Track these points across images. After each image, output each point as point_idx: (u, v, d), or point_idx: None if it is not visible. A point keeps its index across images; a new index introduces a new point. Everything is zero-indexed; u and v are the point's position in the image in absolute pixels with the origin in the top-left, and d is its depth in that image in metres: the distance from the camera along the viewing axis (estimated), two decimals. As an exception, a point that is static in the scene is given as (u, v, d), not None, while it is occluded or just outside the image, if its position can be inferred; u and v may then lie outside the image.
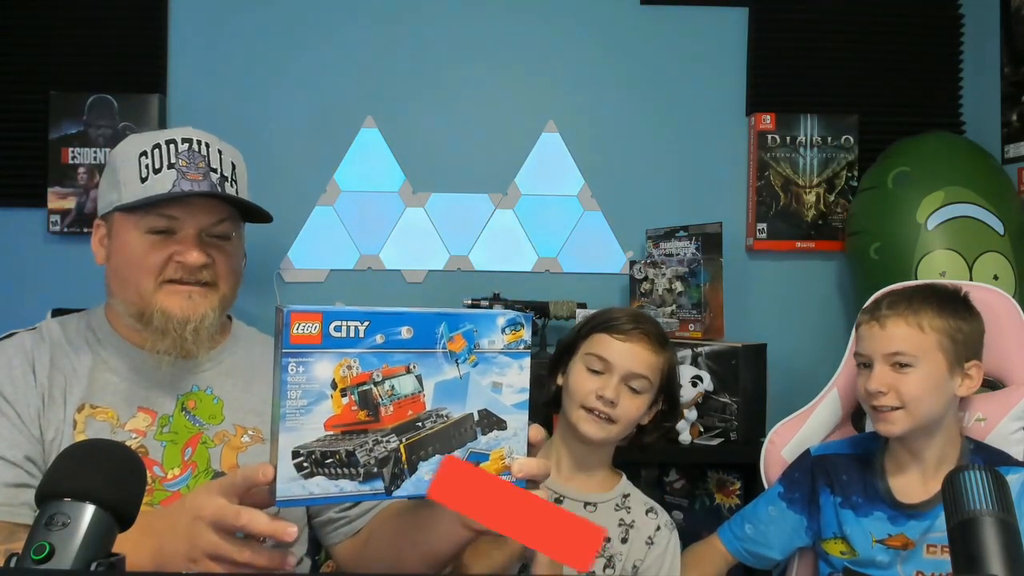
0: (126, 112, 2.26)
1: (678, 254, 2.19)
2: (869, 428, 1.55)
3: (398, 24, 2.36)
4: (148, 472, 0.86)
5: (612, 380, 1.35)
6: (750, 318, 2.37)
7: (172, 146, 1.17)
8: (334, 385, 0.81)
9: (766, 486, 1.57)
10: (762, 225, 2.39)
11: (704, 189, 2.41)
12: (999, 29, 2.33)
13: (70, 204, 2.25)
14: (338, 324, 0.81)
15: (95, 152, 2.26)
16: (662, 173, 2.41)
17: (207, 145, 1.20)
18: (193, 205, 1.17)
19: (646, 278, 2.26)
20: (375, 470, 0.83)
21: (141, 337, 1.20)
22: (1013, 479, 1.29)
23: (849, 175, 2.41)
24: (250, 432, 1.22)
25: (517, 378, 0.88)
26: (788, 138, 2.40)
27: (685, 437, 1.99)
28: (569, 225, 2.40)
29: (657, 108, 2.41)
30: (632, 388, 1.36)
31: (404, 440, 0.84)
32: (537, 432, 0.92)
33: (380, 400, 0.83)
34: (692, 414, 2.00)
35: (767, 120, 2.39)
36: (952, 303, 1.38)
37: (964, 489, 0.74)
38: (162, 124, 2.28)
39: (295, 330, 0.79)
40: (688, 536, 2.03)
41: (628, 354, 1.36)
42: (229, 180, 1.21)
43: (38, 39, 2.27)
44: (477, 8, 2.38)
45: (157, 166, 1.16)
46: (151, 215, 1.15)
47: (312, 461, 0.80)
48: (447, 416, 0.86)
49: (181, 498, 1.07)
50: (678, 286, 2.18)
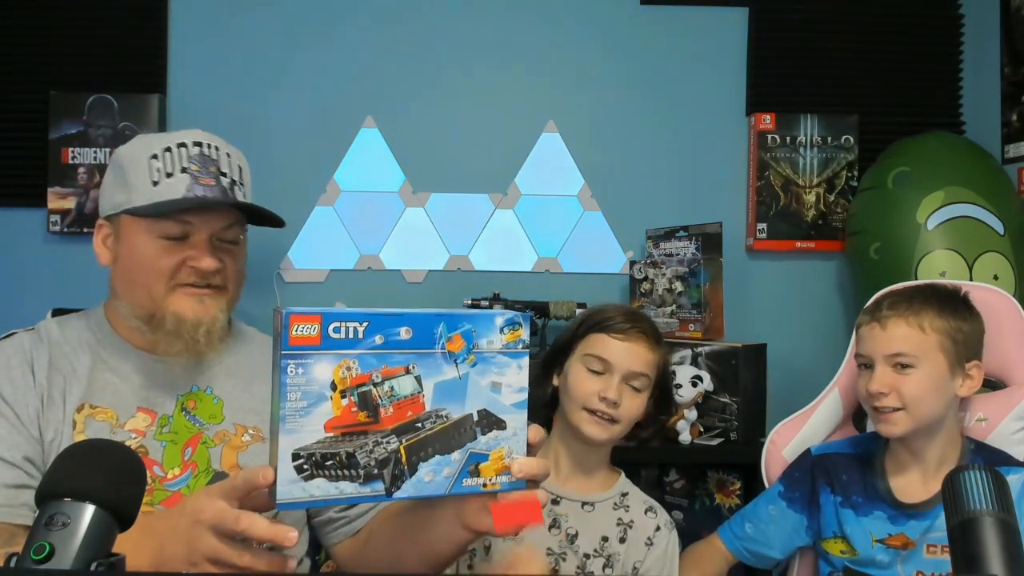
0: (126, 112, 2.26)
1: (678, 254, 2.18)
2: (870, 428, 1.55)
3: (398, 24, 2.36)
4: (148, 472, 0.86)
5: (613, 380, 1.34)
6: (750, 318, 2.37)
7: (183, 149, 1.16)
8: (333, 386, 0.81)
9: (767, 486, 1.57)
10: (762, 225, 2.39)
11: (704, 189, 2.41)
12: (999, 29, 2.33)
13: (70, 204, 2.24)
14: (337, 325, 0.80)
15: (95, 152, 2.25)
16: (662, 173, 2.41)
17: (216, 148, 1.20)
18: (206, 210, 1.17)
19: (646, 278, 2.25)
20: (375, 471, 0.82)
21: (144, 338, 1.20)
22: (1013, 479, 1.29)
23: (849, 175, 2.41)
24: (250, 431, 1.22)
25: (516, 378, 0.88)
26: (788, 138, 2.40)
27: (685, 437, 1.99)
28: (569, 225, 2.40)
29: (657, 108, 2.41)
30: (633, 387, 1.36)
31: (404, 441, 0.84)
32: (536, 432, 0.91)
33: (380, 401, 0.83)
34: (692, 414, 1.99)
35: (767, 120, 2.39)
36: (953, 303, 1.38)
37: (964, 489, 0.74)
38: (162, 124, 2.28)
39: (294, 332, 0.79)
40: (688, 536, 2.03)
41: (628, 353, 1.35)
42: (238, 184, 1.21)
43: (38, 39, 2.27)
44: (477, 8, 2.38)
45: (169, 170, 1.15)
46: (165, 220, 1.15)
47: (312, 463, 0.80)
48: (447, 417, 0.86)
49: (181, 501, 1.07)
50: (678, 286, 2.18)
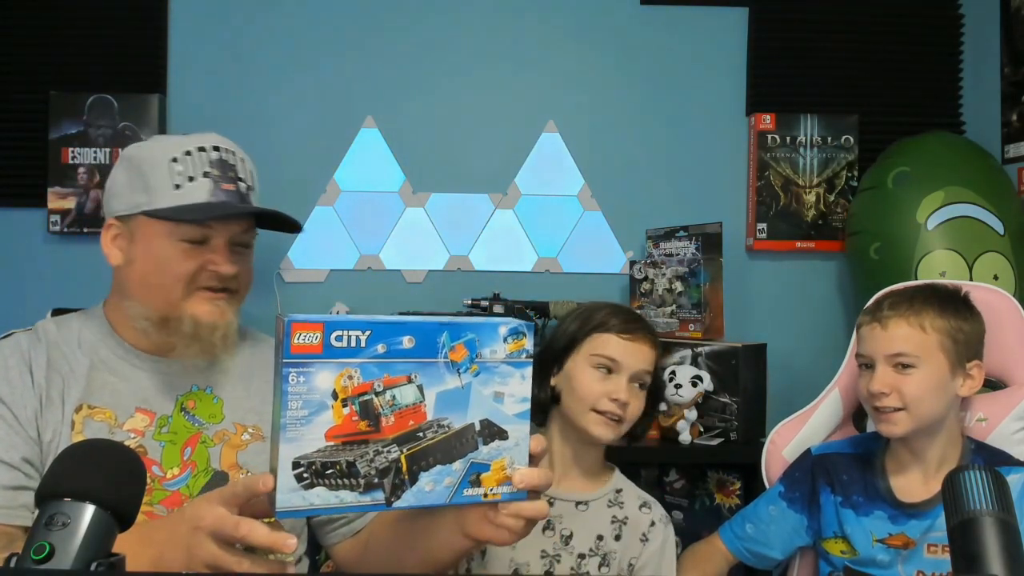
0: (126, 112, 2.26)
1: (678, 254, 2.18)
2: (870, 428, 1.55)
3: (398, 24, 2.36)
4: (147, 472, 0.86)
5: (622, 381, 1.34)
6: (750, 318, 2.37)
7: (203, 153, 1.18)
8: (335, 395, 0.80)
9: (767, 486, 1.57)
10: (762, 225, 2.39)
11: (704, 189, 2.41)
12: (999, 29, 2.33)
13: (70, 204, 2.24)
14: (339, 334, 0.80)
15: (95, 152, 2.25)
16: (662, 173, 2.41)
17: (233, 153, 1.22)
18: (227, 216, 1.18)
19: (646, 278, 2.25)
20: (376, 481, 0.82)
21: (150, 340, 1.20)
22: (1013, 479, 1.29)
23: (849, 175, 2.41)
24: (250, 430, 1.22)
25: (519, 388, 0.88)
26: (788, 138, 2.40)
27: (685, 437, 1.99)
28: (569, 225, 2.40)
29: (657, 108, 2.41)
30: (639, 386, 1.37)
31: (405, 450, 0.83)
32: (539, 442, 0.91)
33: (381, 410, 0.82)
34: (692, 414, 1.99)
35: (767, 120, 2.39)
36: (953, 303, 1.38)
37: (964, 489, 0.74)
38: (162, 124, 2.28)
39: (296, 340, 0.78)
40: (688, 536, 2.04)
41: (636, 353, 1.36)
42: (252, 189, 1.23)
43: (38, 39, 2.27)
44: (477, 8, 2.38)
45: (191, 174, 1.16)
46: (187, 224, 1.15)
47: (312, 472, 0.79)
48: (448, 426, 0.85)
49: (181, 508, 1.07)
50: (678, 286, 2.18)
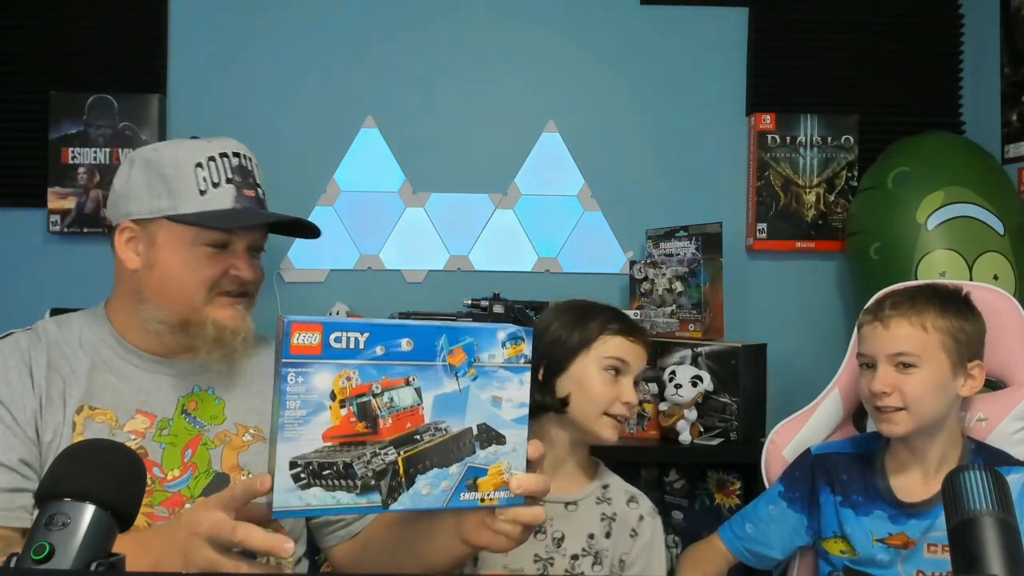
0: (126, 112, 2.26)
1: (678, 254, 2.18)
2: (870, 428, 1.55)
3: (398, 24, 2.36)
4: (148, 473, 0.86)
5: (629, 382, 1.35)
6: (750, 318, 2.37)
7: (226, 159, 1.19)
8: (333, 396, 0.80)
9: (767, 486, 1.57)
10: (762, 225, 2.39)
11: (704, 189, 2.41)
12: (999, 29, 2.33)
13: (70, 204, 2.24)
14: (338, 335, 0.80)
15: (95, 152, 2.25)
16: (662, 173, 2.41)
17: (250, 159, 1.23)
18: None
19: (646, 278, 2.25)
20: (372, 483, 0.82)
21: (161, 342, 1.20)
22: (1013, 479, 1.29)
23: (849, 175, 2.41)
24: (251, 431, 1.22)
25: (517, 393, 0.88)
26: (788, 138, 2.40)
27: (685, 437, 1.99)
28: (569, 225, 2.40)
29: (657, 108, 2.41)
30: (637, 386, 1.37)
31: (402, 453, 0.83)
32: (536, 448, 0.91)
33: (379, 412, 0.82)
34: (692, 414, 1.99)
35: (767, 120, 2.39)
36: (954, 303, 1.38)
37: (964, 489, 0.74)
38: (162, 124, 2.28)
39: (295, 340, 0.79)
40: (688, 536, 2.04)
41: (640, 354, 1.37)
42: (266, 194, 1.25)
43: (38, 39, 2.27)
44: (477, 8, 2.38)
45: (215, 180, 1.18)
46: (212, 230, 1.16)
47: (309, 472, 0.79)
48: (446, 430, 0.85)
49: (178, 514, 1.07)
50: (678, 286, 2.18)
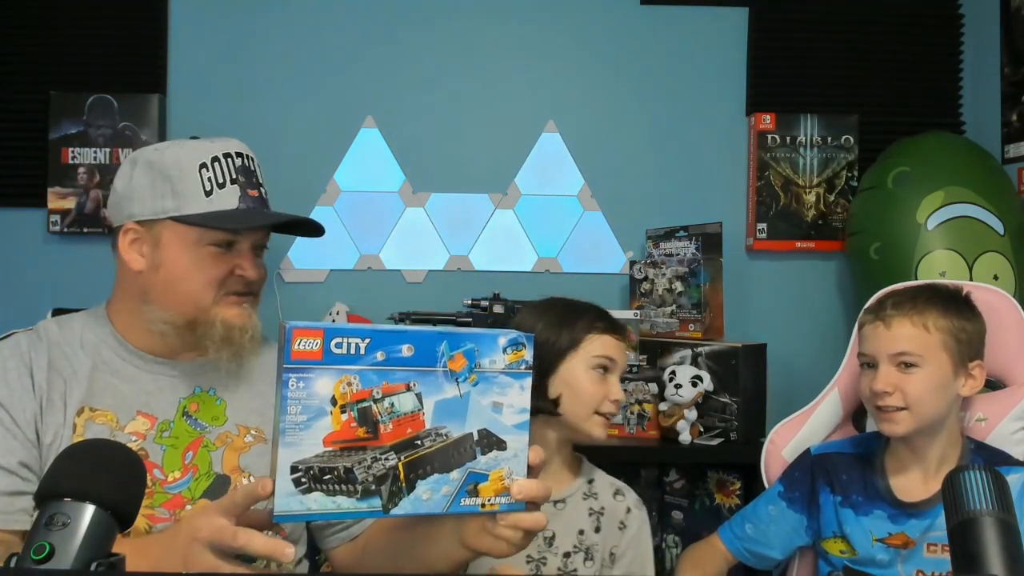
0: (126, 112, 2.26)
1: (678, 254, 2.18)
2: (870, 428, 1.55)
3: (398, 24, 2.36)
4: (148, 474, 0.86)
5: (616, 380, 1.35)
6: (750, 318, 2.37)
7: (229, 160, 1.19)
8: (334, 401, 0.81)
9: (767, 486, 1.57)
10: (762, 225, 2.39)
11: (704, 189, 2.41)
12: (999, 29, 2.33)
13: (70, 204, 2.24)
14: (339, 341, 0.80)
15: (95, 152, 2.25)
16: (662, 173, 2.41)
17: (252, 159, 1.23)
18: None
19: (646, 278, 2.26)
20: (373, 488, 0.82)
21: (164, 343, 1.20)
22: (1013, 479, 1.29)
23: (849, 175, 2.41)
24: (252, 432, 1.22)
25: (518, 398, 0.88)
26: (788, 138, 2.40)
27: (685, 437, 1.99)
28: (569, 225, 2.40)
29: (657, 108, 2.41)
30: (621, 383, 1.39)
31: (403, 458, 0.84)
32: (537, 454, 0.91)
33: (379, 417, 0.82)
34: (692, 414, 1.99)
35: (767, 120, 2.39)
36: (955, 303, 1.38)
37: (964, 489, 0.74)
38: (162, 124, 2.28)
39: (296, 346, 0.79)
40: (688, 536, 2.04)
41: (624, 352, 1.38)
42: (267, 193, 1.25)
43: (38, 39, 2.27)
44: (477, 8, 2.38)
45: (220, 180, 1.18)
46: (218, 230, 1.16)
47: (310, 477, 0.80)
48: (446, 435, 0.85)
49: (178, 520, 1.07)
50: (678, 286, 2.18)
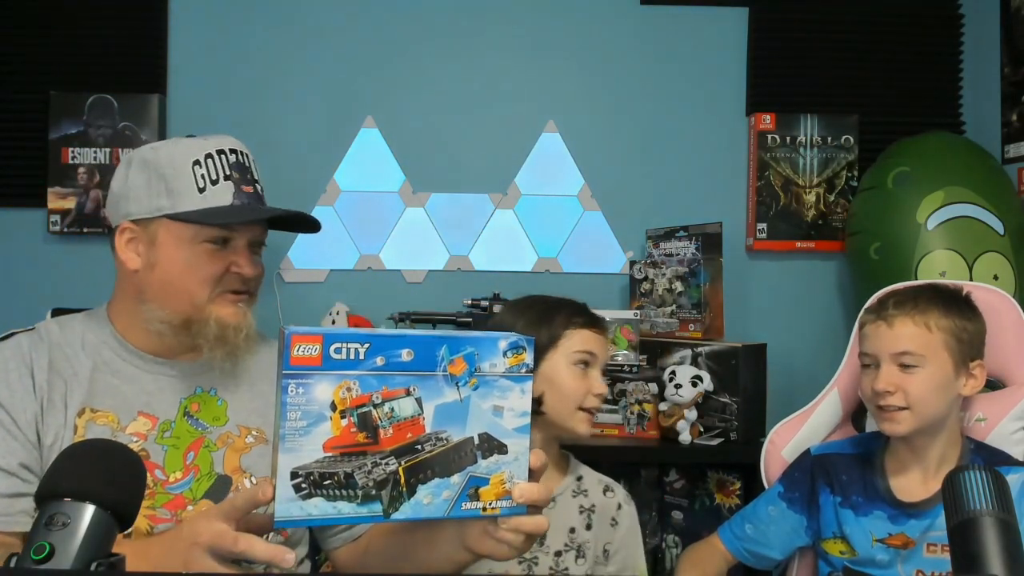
0: (126, 112, 2.26)
1: (678, 254, 2.18)
2: (869, 428, 1.55)
3: (398, 24, 2.36)
4: (149, 475, 0.86)
5: (597, 374, 1.35)
6: (750, 318, 2.37)
7: (223, 156, 1.19)
8: (333, 407, 0.80)
9: (766, 486, 1.57)
10: (762, 225, 2.39)
11: (704, 189, 2.41)
12: (999, 29, 2.33)
13: (70, 204, 2.24)
14: (338, 346, 0.80)
15: (95, 152, 2.25)
16: (662, 173, 2.41)
17: (247, 155, 1.23)
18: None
19: (646, 278, 2.25)
20: (373, 492, 0.82)
21: (163, 342, 1.20)
22: (1013, 479, 1.29)
23: (849, 175, 2.41)
24: (253, 432, 1.22)
25: (518, 402, 0.88)
26: (788, 138, 2.40)
27: (685, 437, 1.99)
28: (569, 225, 2.40)
29: (657, 108, 2.41)
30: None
31: (403, 463, 0.83)
32: (538, 457, 0.90)
33: (379, 422, 0.82)
34: (692, 414, 1.99)
35: (767, 120, 2.39)
36: (956, 303, 1.38)
37: (964, 489, 0.74)
38: (162, 124, 2.28)
39: (295, 351, 0.79)
40: (688, 536, 2.04)
41: (605, 345, 1.37)
42: (264, 190, 1.24)
43: (38, 39, 2.27)
44: (477, 8, 2.38)
45: (213, 177, 1.17)
46: (211, 227, 1.16)
47: (311, 482, 0.80)
48: (447, 439, 0.85)
49: (179, 524, 1.07)
50: (678, 286, 2.18)
